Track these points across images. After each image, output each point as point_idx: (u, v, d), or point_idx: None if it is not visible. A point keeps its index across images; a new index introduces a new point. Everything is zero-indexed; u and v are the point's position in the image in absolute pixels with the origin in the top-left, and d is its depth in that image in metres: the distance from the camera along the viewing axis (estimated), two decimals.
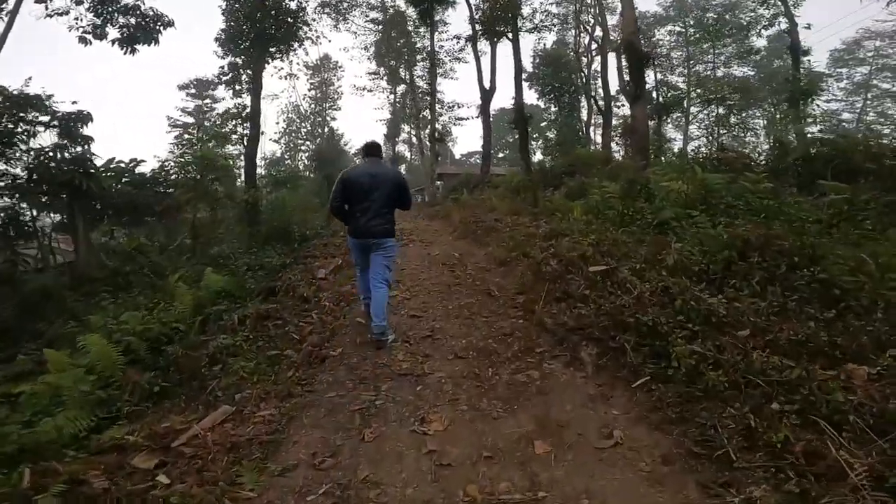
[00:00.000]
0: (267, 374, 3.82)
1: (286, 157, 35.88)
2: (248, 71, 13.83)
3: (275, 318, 4.72)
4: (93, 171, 8.43)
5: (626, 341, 3.28)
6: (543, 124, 29.31)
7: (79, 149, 9.23)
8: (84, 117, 8.70)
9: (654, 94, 24.32)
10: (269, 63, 14.28)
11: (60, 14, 8.86)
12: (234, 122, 14.90)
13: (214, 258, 6.61)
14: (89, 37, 8.74)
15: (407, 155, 41.15)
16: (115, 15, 8.61)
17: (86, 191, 8.01)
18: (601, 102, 23.46)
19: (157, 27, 8.07)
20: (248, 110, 13.64)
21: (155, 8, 8.05)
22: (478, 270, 5.64)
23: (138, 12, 7.98)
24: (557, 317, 3.82)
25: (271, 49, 13.81)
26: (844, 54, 34.34)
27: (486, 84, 19.08)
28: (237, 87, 14.64)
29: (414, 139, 31.37)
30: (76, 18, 8.78)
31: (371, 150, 4.09)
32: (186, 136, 23.17)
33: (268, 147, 34.31)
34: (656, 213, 5.43)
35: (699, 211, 5.05)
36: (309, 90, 34.20)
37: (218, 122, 22.86)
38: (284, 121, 34.67)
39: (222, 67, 14.40)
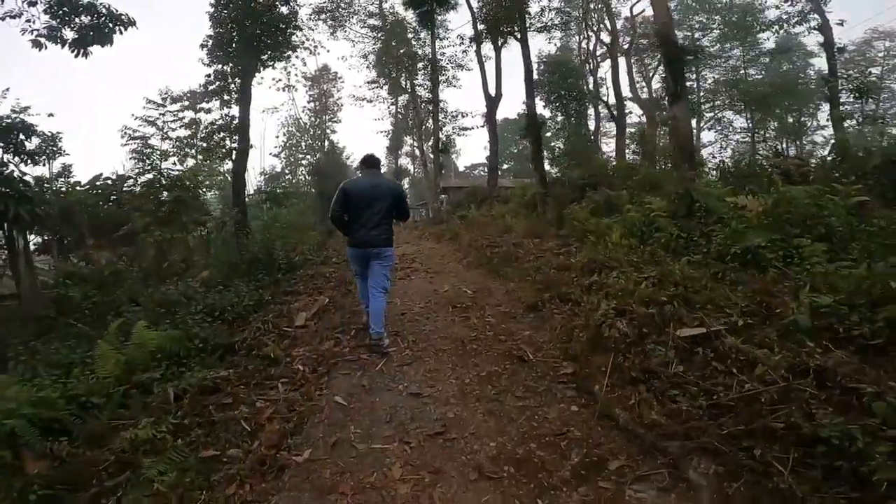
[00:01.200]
0: (196, 488, 2.54)
1: (286, 171, 34.83)
2: (237, 80, 12.82)
3: (224, 393, 3.43)
4: (29, 193, 7.19)
5: (779, 459, 1.97)
6: (549, 134, 28.14)
7: (36, 166, 8.11)
8: (26, 128, 7.52)
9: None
10: (260, 71, 13.32)
11: (13, 17, 7.82)
12: (221, 135, 13.90)
13: (161, 302, 5.30)
14: (44, 40, 7.67)
15: (409, 168, 40.18)
16: (73, 16, 7.54)
17: (15, 217, 6.77)
18: (614, 110, 22.31)
19: (114, 27, 6.93)
20: (236, 121, 12.56)
21: (109, 6, 6.92)
22: (500, 317, 4.30)
23: (93, 10, 6.85)
24: (637, 409, 2.49)
25: (262, 57, 12.83)
26: (855, 55, 33.20)
27: (492, 90, 17.96)
28: (225, 97, 13.65)
29: (416, 151, 30.25)
30: (28, 21, 7.72)
31: (370, 162, 4.21)
32: (146, 149, 22.18)
33: (268, 162, 33.39)
34: (734, 238, 4.12)
35: (803, 237, 3.74)
36: (308, 102, 33.25)
37: (187, 134, 22.05)
38: (284, 134, 33.84)
39: (208, 76, 13.37)
